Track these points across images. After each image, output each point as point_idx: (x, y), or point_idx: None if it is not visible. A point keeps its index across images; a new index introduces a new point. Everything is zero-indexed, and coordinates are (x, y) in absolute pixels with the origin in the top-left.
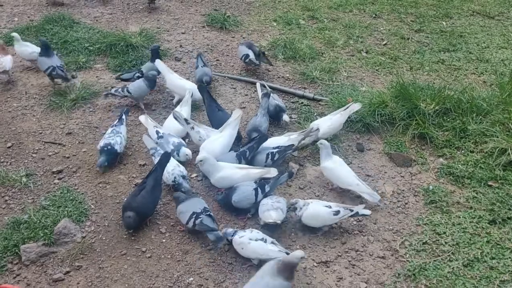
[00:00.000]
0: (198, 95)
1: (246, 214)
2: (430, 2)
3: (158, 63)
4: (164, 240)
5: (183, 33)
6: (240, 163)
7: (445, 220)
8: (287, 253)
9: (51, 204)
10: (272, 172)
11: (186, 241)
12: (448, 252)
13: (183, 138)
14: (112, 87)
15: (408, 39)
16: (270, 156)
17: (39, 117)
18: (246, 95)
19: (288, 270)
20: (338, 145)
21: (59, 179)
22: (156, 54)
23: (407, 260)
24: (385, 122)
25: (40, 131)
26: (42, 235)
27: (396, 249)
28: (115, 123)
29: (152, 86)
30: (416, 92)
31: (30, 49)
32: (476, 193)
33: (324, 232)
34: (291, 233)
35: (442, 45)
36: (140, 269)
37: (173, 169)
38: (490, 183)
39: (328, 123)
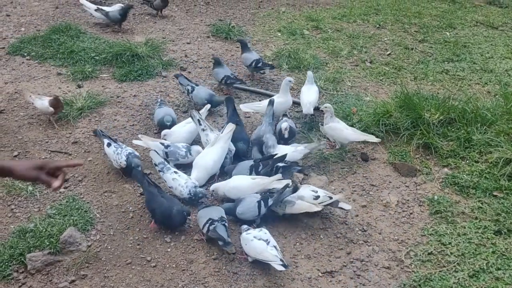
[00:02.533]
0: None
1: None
2: (434, 12)
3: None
4: (169, 249)
5: (188, 43)
6: (250, 174)
7: (450, 230)
8: (282, 260)
9: (57, 213)
10: (284, 183)
11: (191, 250)
12: (454, 263)
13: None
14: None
15: (412, 49)
16: (274, 169)
17: (45, 126)
18: None
19: None
20: (343, 154)
21: (64, 188)
22: (218, 63)
23: (413, 271)
24: (390, 132)
25: (46, 140)
26: (47, 243)
27: (401, 259)
28: (106, 142)
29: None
30: (420, 102)
31: None
32: (481, 204)
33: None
34: (296, 243)
35: (446, 55)
36: (145, 278)
37: (186, 182)
38: (495, 193)
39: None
